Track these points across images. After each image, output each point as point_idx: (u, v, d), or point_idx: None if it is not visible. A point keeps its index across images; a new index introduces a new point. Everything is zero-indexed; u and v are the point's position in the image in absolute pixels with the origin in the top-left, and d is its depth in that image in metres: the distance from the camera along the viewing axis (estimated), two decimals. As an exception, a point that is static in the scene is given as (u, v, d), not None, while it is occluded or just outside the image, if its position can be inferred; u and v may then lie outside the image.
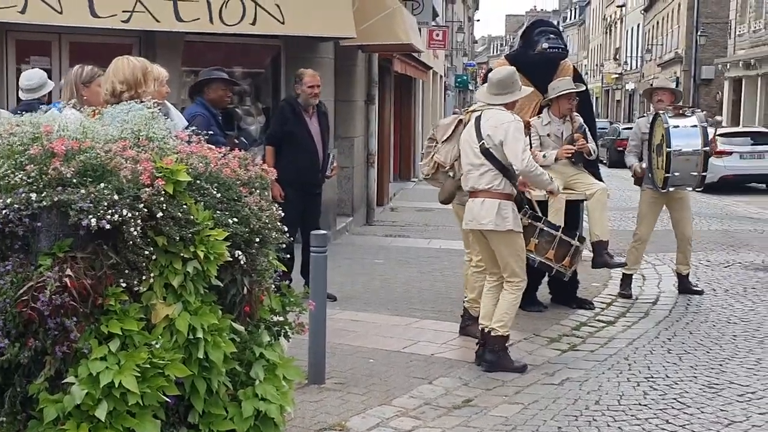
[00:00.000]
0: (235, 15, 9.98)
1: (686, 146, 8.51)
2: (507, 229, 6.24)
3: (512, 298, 6.39)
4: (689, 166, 8.54)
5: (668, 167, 8.47)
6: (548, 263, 7.13)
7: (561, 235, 7.11)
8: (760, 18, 34.16)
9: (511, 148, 6.17)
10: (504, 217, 6.22)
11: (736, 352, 6.96)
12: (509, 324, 6.41)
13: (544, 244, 7.06)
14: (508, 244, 6.31)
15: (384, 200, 17.14)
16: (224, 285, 3.70)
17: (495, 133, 6.20)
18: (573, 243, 7.18)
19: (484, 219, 6.25)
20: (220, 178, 3.77)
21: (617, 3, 69.37)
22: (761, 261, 11.34)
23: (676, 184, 8.65)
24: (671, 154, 8.43)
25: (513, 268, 6.34)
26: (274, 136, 8.46)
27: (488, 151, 6.23)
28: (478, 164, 6.30)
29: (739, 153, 22.24)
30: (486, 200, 6.25)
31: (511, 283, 6.37)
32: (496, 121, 6.24)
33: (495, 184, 6.25)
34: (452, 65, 45.71)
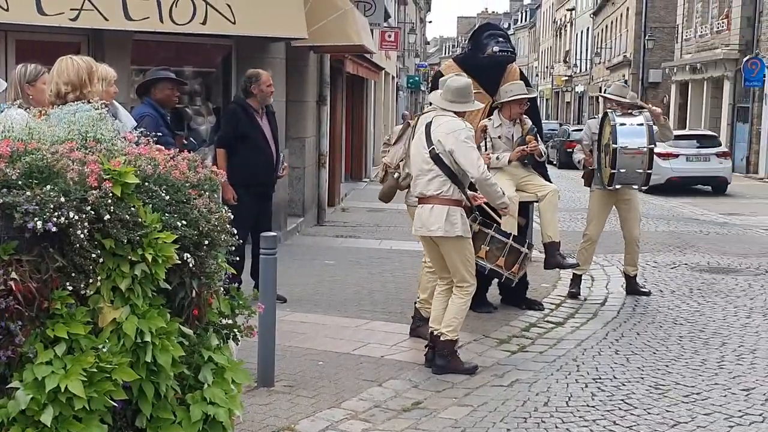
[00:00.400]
0: (185, 14, 9.89)
1: (632, 143, 8.65)
2: (456, 236, 6.26)
3: (461, 303, 6.41)
4: (635, 164, 8.68)
5: (614, 164, 8.59)
6: (498, 270, 7.20)
7: (512, 242, 7.16)
8: (706, 23, 34.70)
9: (465, 157, 6.17)
10: (453, 224, 6.23)
11: (682, 353, 7.06)
12: (459, 328, 6.44)
13: (494, 251, 7.12)
14: (458, 250, 6.33)
15: (335, 201, 17.12)
16: (172, 288, 3.66)
17: (446, 139, 6.21)
18: (522, 250, 7.24)
19: (433, 225, 6.26)
20: (169, 180, 3.73)
21: (567, 6, 69.99)
22: (707, 262, 11.52)
23: (622, 181, 8.76)
24: (617, 151, 8.56)
25: (463, 274, 6.37)
26: (226, 138, 8.38)
27: (438, 156, 6.24)
28: (427, 170, 6.31)
29: (686, 155, 22.60)
30: (435, 206, 6.26)
31: (461, 288, 6.39)
32: (447, 128, 6.25)
33: (444, 190, 6.26)
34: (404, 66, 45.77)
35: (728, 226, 15.86)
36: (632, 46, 45.87)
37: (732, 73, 31.21)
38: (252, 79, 8.30)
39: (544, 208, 8.13)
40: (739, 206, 19.90)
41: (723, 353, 7.07)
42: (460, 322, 6.43)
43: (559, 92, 74.56)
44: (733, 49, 31.07)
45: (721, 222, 16.63)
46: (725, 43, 31.91)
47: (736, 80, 30.86)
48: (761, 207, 19.72)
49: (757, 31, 29.87)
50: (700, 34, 35.32)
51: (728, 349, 7.20)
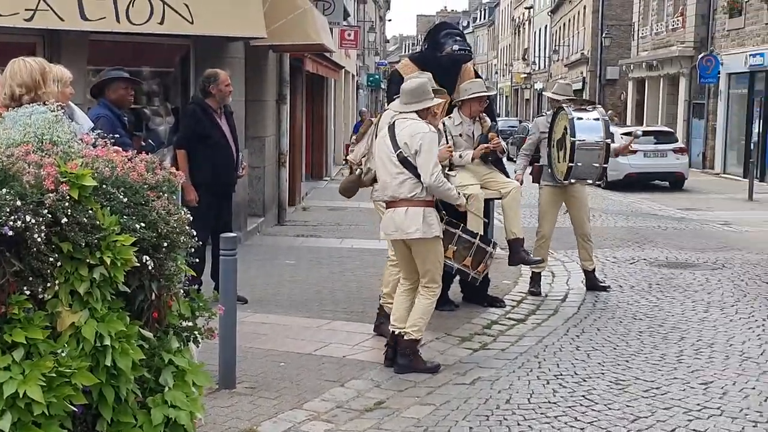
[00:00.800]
0: (142, 14, 9.81)
1: (589, 138, 8.72)
2: (434, 236, 6.27)
3: (428, 303, 6.42)
4: (592, 158, 8.75)
5: (572, 157, 8.64)
6: (465, 270, 7.22)
7: (478, 242, 7.19)
8: (662, 21, 35.06)
9: (423, 161, 6.18)
10: (430, 224, 6.24)
11: (642, 348, 7.13)
12: (423, 328, 6.46)
13: (462, 251, 7.13)
14: (432, 250, 6.34)
15: (296, 200, 17.08)
16: (132, 291, 3.63)
17: (411, 142, 6.21)
18: (488, 250, 7.27)
19: (411, 228, 6.23)
20: (127, 182, 3.70)
21: (525, 5, 70.38)
22: (665, 257, 11.64)
23: (578, 175, 8.83)
24: (575, 145, 8.61)
25: (433, 275, 6.37)
26: (186, 139, 8.31)
27: (406, 159, 6.23)
28: (396, 173, 6.28)
29: (643, 152, 22.82)
30: (410, 209, 6.24)
31: (429, 289, 6.40)
32: (411, 131, 6.24)
33: (417, 192, 6.24)
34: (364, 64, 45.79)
35: (686, 221, 16.05)
36: (590, 43, 46.24)
37: (687, 70, 31.57)
38: (210, 79, 8.24)
39: (507, 205, 8.17)
40: (696, 201, 20.15)
41: (681, 348, 7.15)
42: (425, 322, 6.45)
43: (518, 89, 74.99)
44: (688, 47, 31.42)
45: (678, 217, 16.83)
46: (680, 40, 32.27)
47: (691, 77, 31.22)
48: (717, 202, 19.98)
49: (712, 29, 30.23)
50: (655, 31, 35.68)
51: (687, 343, 7.29)
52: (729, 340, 7.37)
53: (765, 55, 25.48)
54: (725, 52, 28.68)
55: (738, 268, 10.82)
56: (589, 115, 8.89)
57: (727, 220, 16.07)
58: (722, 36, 29.26)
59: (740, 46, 27.60)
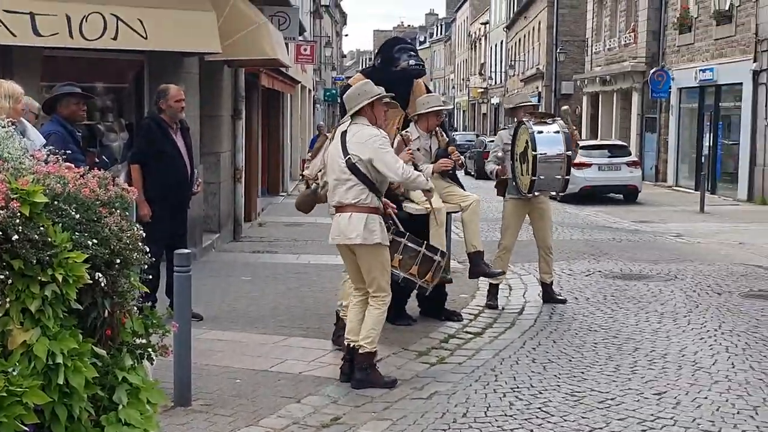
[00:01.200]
0: (95, 29, 9.73)
1: (550, 151, 8.81)
2: (375, 243, 6.28)
3: (378, 314, 6.42)
4: (554, 170, 8.85)
5: (534, 170, 8.73)
6: (412, 279, 7.18)
7: (424, 250, 7.17)
8: (614, 37, 35.51)
9: (383, 162, 6.21)
10: (372, 231, 6.26)
11: (597, 360, 7.20)
12: (376, 340, 6.45)
13: (407, 259, 7.11)
14: (375, 258, 6.35)
15: (252, 216, 17.02)
16: (84, 308, 3.60)
17: (361, 148, 6.24)
18: (435, 258, 7.25)
19: (352, 233, 6.27)
20: (79, 199, 3.67)
21: (481, 21, 70.93)
22: (619, 269, 11.77)
23: (541, 188, 8.93)
24: (537, 158, 8.70)
25: (379, 283, 6.38)
26: (141, 154, 8.27)
27: (354, 165, 6.27)
28: (344, 179, 6.33)
29: (598, 165, 23.16)
30: (353, 215, 6.28)
31: (377, 298, 6.40)
32: (361, 137, 6.29)
33: (362, 198, 6.28)
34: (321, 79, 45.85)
35: (639, 234, 16.23)
36: (545, 58, 46.72)
37: (640, 85, 31.98)
38: (161, 94, 8.24)
39: (468, 219, 8.22)
40: (649, 214, 20.39)
41: (636, 358, 7.22)
42: (377, 333, 6.44)
43: (475, 104, 75.44)
44: (640, 62, 31.84)
45: (632, 229, 17.02)
46: (633, 55, 32.69)
47: (643, 92, 31.63)
48: (670, 214, 20.24)
49: (663, 44, 30.68)
50: (608, 47, 36.13)
51: (641, 354, 7.36)
52: (682, 351, 7.46)
53: (714, 71, 25.90)
54: (676, 67, 29.12)
55: (690, 279, 10.96)
56: (549, 128, 8.98)
57: (679, 232, 16.29)
58: (673, 51, 29.71)
59: (690, 61, 28.03)
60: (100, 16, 9.76)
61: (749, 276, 11.27)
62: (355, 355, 6.40)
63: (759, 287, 10.47)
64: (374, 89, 6.46)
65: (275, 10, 18.26)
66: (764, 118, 22.77)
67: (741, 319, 8.70)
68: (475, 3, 76.27)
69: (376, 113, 6.45)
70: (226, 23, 11.07)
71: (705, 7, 26.72)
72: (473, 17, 75.60)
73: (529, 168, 8.81)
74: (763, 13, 22.88)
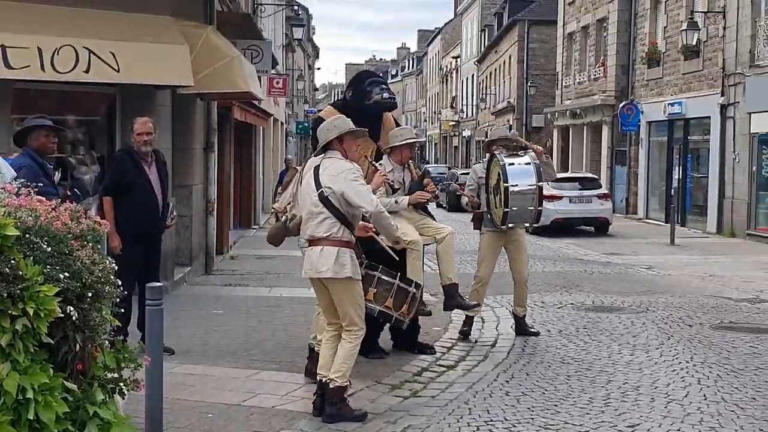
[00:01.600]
0: (67, 62, 9.71)
1: (522, 183, 8.85)
2: (345, 276, 6.26)
3: (350, 347, 6.37)
4: (526, 202, 8.89)
5: (507, 203, 8.77)
6: (387, 312, 7.18)
7: (399, 282, 7.17)
8: (584, 71, 35.88)
9: (356, 192, 6.20)
10: (342, 264, 6.24)
11: (570, 392, 7.20)
12: (348, 374, 6.40)
13: (382, 292, 7.11)
14: (347, 292, 6.32)
15: (224, 249, 16.95)
16: (55, 342, 3.57)
17: (334, 182, 6.24)
18: (410, 290, 7.26)
19: (323, 267, 6.25)
20: (51, 232, 3.65)
21: (453, 54, 71.46)
22: (591, 302, 11.81)
23: (515, 219, 8.95)
24: (509, 190, 8.73)
25: (352, 317, 6.35)
26: (113, 186, 8.25)
27: (327, 198, 6.26)
28: (316, 212, 6.32)
29: (569, 197, 23.32)
30: (325, 248, 6.27)
31: (350, 332, 6.37)
32: (333, 170, 6.29)
33: (333, 231, 6.27)
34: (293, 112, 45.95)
35: (611, 266, 16.32)
36: (516, 92, 47.14)
37: (610, 118, 32.29)
38: (130, 126, 8.28)
39: (443, 251, 8.24)
40: (620, 246, 20.52)
41: (609, 391, 7.23)
42: (349, 367, 6.40)
43: (447, 137, 75.82)
44: (609, 95, 32.18)
45: (604, 261, 17.11)
46: (602, 89, 33.04)
47: (613, 125, 31.94)
48: (641, 246, 20.38)
49: (632, 78, 31.05)
50: (578, 81, 36.50)
51: (614, 386, 7.37)
52: (654, 383, 7.48)
53: (683, 104, 26.22)
54: (645, 100, 29.45)
55: (662, 311, 11.02)
56: (520, 160, 9.03)
57: (650, 265, 16.40)
58: (642, 85, 30.06)
59: (659, 95, 28.36)
60: (72, 48, 9.74)
61: (719, 308, 11.35)
62: (326, 390, 6.36)
63: (729, 319, 10.54)
64: (346, 124, 6.47)
65: (248, 44, 18.32)
66: (732, 152, 23.05)
67: (712, 350, 8.75)
68: (446, 37, 76.92)
69: (345, 147, 6.45)
70: (199, 56, 11.08)
71: (673, 42, 27.09)
72: (444, 51, 76.19)
73: (502, 200, 8.85)
74: (729, 48, 23.24)
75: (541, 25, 45.37)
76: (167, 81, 10.80)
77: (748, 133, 22.22)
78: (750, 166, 22.17)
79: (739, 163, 22.65)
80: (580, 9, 36.32)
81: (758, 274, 14.98)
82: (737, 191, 22.78)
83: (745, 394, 7.13)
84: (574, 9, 37.18)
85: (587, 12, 35.32)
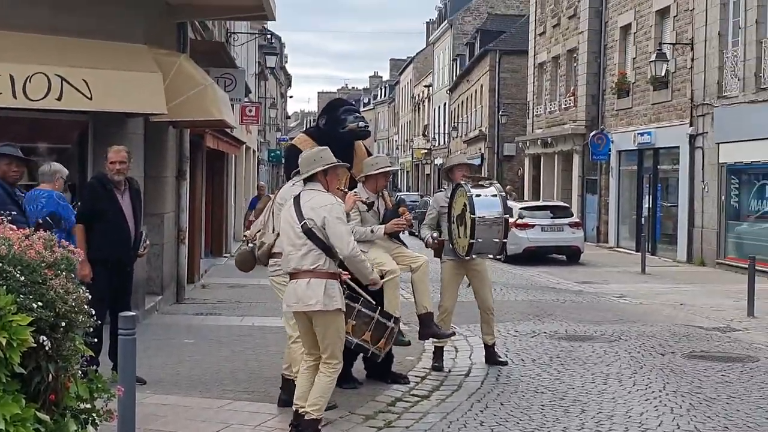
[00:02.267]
0: (39, 90, 9.66)
1: (489, 214, 8.85)
2: (335, 308, 6.22)
3: (329, 381, 6.32)
4: (492, 233, 8.87)
5: (473, 234, 8.76)
6: (365, 345, 7.13)
7: (378, 317, 7.11)
8: (555, 100, 36.19)
9: (335, 233, 6.17)
10: (332, 297, 6.19)
11: (545, 422, 7.19)
12: (324, 407, 6.36)
13: (361, 325, 7.06)
14: (332, 323, 6.27)
15: (195, 277, 16.84)
16: (28, 372, 3.53)
17: (317, 214, 6.21)
18: (389, 325, 7.22)
19: (311, 300, 6.17)
20: (24, 261, 3.62)
21: (425, 83, 71.86)
22: (564, 330, 11.83)
23: (479, 251, 8.92)
24: (476, 221, 8.73)
25: (333, 350, 6.30)
26: (85, 214, 8.20)
27: (310, 230, 6.21)
28: (300, 244, 6.26)
29: (541, 226, 23.40)
30: (312, 280, 6.20)
31: (328, 365, 6.32)
32: (316, 203, 6.26)
33: (320, 263, 6.21)
34: (265, 140, 45.93)
35: (583, 294, 16.38)
36: (487, 120, 47.43)
37: (580, 147, 32.53)
38: (104, 155, 8.26)
39: (418, 280, 8.24)
40: (592, 274, 20.61)
41: (583, 420, 7.23)
42: (326, 401, 6.36)
43: (419, 165, 76.05)
44: (580, 125, 32.44)
45: (576, 290, 17.17)
46: (573, 119, 33.31)
47: (584, 154, 32.16)
48: (612, 275, 20.47)
49: (602, 108, 31.33)
50: (549, 110, 36.79)
51: (588, 416, 7.38)
52: (628, 412, 7.49)
53: (652, 134, 26.47)
54: (615, 130, 29.71)
55: (634, 340, 11.06)
56: (486, 191, 9.03)
57: (622, 293, 16.48)
58: (612, 115, 30.34)
59: (629, 125, 28.62)
60: (45, 76, 9.70)
61: (691, 336, 11.41)
62: (301, 421, 6.31)
63: (701, 348, 10.59)
64: (330, 157, 6.46)
65: (221, 72, 18.34)
66: (701, 181, 23.28)
67: (684, 379, 8.79)
68: (418, 66, 77.37)
69: (329, 180, 6.46)
70: (172, 84, 11.06)
71: (642, 72, 27.38)
72: (417, 80, 76.63)
73: (467, 231, 8.84)
74: (698, 79, 23.53)
75: (512, 55, 45.77)
76: (140, 109, 10.76)
77: (717, 163, 22.46)
78: (719, 196, 22.39)
79: (708, 193, 22.88)
80: (550, 39, 36.69)
81: (728, 303, 15.09)
82: (707, 220, 22.99)
83: (717, 423, 7.16)
84: (544, 39, 37.55)
85: (557, 43, 35.68)
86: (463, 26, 62.04)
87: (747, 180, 21.76)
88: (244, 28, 28.59)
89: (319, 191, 6.33)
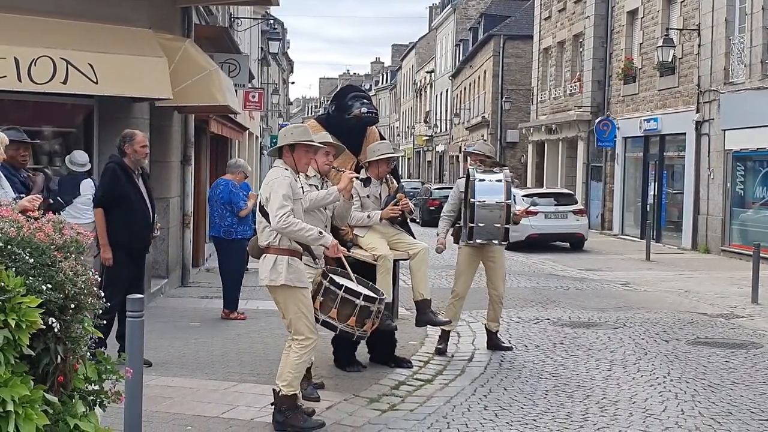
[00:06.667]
0: (45, 73, 9.66)
1: (489, 199, 8.85)
2: (280, 284, 6.23)
3: (296, 357, 6.30)
4: (493, 218, 8.87)
5: (472, 218, 8.77)
6: (350, 330, 6.84)
7: (361, 303, 6.78)
8: (560, 86, 36.08)
9: (270, 205, 6.19)
10: (278, 272, 6.21)
11: (549, 407, 7.21)
12: (295, 384, 6.32)
13: (345, 311, 6.84)
14: (287, 299, 6.29)
15: (200, 261, 16.88)
16: (37, 354, 3.54)
17: (264, 190, 6.28)
18: (372, 308, 6.86)
19: (262, 275, 6.31)
20: (33, 243, 3.62)
21: (427, 69, 71.64)
22: (568, 317, 11.84)
23: (481, 235, 8.92)
24: (474, 205, 8.75)
25: (296, 326, 6.30)
26: (106, 198, 8.15)
27: (263, 207, 6.30)
28: (259, 221, 6.40)
29: (544, 213, 23.35)
30: (267, 256, 6.30)
31: (296, 341, 6.31)
32: (268, 178, 6.33)
33: (271, 239, 6.27)
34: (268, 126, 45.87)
35: (587, 282, 16.38)
36: (490, 107, 47.29)
37: (585, 134, 32.47)
38: (126, 138, 8.16)
39: (416, 266, 8.23)
40: (596, 262, 20.61)
41: (587, 405, 7.25)
42: (295, 377, 6.31)
43: (420, 151, 75.96)
44: (585, 111, 32.35)
45: (579, 277, 17.17)
46: (578, 105, 33.21)
47: (589, 140, 32.10)
48: (617, 262, 20.47)
49: (608, 94, 31.24)
50: (554, 96, 36.68)
51: (592, 401, 7.39)
52: (632, 398, 7.51)
53: (658, 120, 26.42)
54: (621, 116, 29.64)
55: (638, 326, 11.07)
56: (492, 177, 9.03)
57: (626, 280, 16.48)
58: (618, 101, 30.25)
59: (635, 111, 28.56)
60: (50, 59, 9.70)
61: (695, 323, 11.42)
62: (275, 398, 6.33)
63: (705, 334, 10.61)
64: (302, 135, 6.44)
65: (225, 57, 18.31)
66: (707, 168, 23.25)
67: (689, 366, 8.80)
68: (420, 51, 77.14)
69: (296, 157, 6.41)
70: (177, 69, 11.06)
71: (649, 58, 27.30)
72: (419, 66, 76.38)
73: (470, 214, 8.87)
74: (704, 65, 23.47)
75: (516, 40, 45.62)
76: (145, 93, 10.76)
77: (723, 150, 22.43)
78: (724, 183, 22.37)
79: (714, 180, 22.85)
80: (556, 24, 36.55)
81: (732, 290, 15.10)
82: (712, 208, 22.98)
83: (722, 409, 7.18)
84: (550, 24, 37.40)
85: (563, 27, 35.55)
86: (467, 10, 61.83)
87: (752, 167, 21.74)
88: (248, 13, 28.51)
89: (277, 167, 6.36)
